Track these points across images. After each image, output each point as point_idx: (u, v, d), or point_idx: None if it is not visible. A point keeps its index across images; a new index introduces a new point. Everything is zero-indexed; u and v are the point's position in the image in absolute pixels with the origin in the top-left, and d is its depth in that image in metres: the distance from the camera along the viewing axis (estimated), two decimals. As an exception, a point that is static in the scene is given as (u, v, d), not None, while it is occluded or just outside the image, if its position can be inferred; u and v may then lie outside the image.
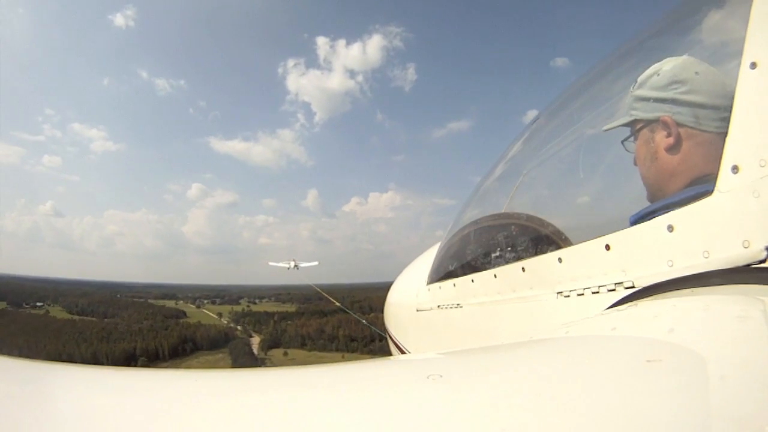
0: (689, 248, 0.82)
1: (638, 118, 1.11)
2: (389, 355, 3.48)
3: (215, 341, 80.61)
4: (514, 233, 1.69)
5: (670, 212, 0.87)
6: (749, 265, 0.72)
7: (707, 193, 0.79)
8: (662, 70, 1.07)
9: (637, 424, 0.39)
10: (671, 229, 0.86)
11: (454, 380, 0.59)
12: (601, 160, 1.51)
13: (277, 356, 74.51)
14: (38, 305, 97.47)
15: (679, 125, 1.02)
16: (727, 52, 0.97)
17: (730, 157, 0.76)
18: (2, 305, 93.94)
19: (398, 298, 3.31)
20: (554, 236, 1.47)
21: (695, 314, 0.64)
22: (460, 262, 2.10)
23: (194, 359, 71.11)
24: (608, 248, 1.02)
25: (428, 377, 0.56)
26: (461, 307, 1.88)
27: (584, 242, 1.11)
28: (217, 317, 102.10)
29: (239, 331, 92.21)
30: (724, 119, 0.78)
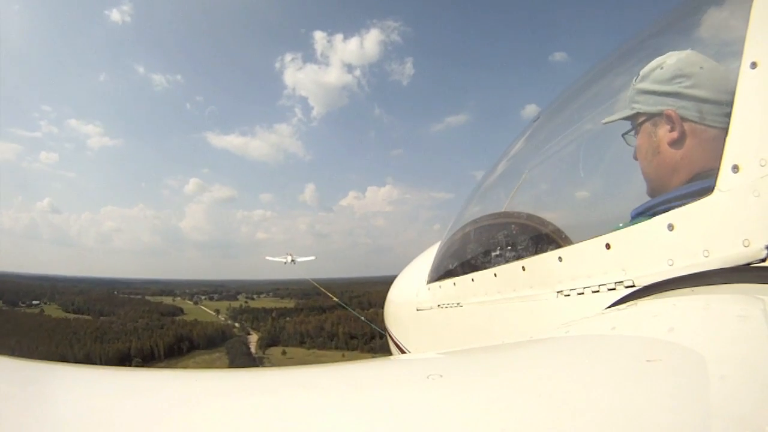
0: (689, 247, 0.82)
1: (640, 111, 1.10)
2: (389, 353, 3.49)
3: (212, 339, 79.48)
4: (514, 232, 1.69)
5: (670, 211, 0.87)
6: (749, 264, 0.73)
7: (709, 188, 0.79)
8: (666, 63, 1.06)
9: (637, 424, 0.39)
10: (671, 228, 0.86)
11: (454, 380, 0.59)
12: (601, 159, 1.51)
13: (275, 355, 73.31)
14: (34, 304, 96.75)
15: (682, 120, 1.01)
16: (727, 51, 0.96)
17: (730, 156, 0.76)
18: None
19: (398, 297, 3.31)
20: (554, 235, 1.47)
21: (695, 313, 0.64)
22: (460, 261, 2.10)
23: (190, 359, 70.04)
24: (608, 247, 1.02)
25: (428, 377, 0.56)
26: (461, 306, 1.88)
27: (584, 241, 1.11)
28: (214, 314, 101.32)
29: (237, 328, 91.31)
30: (728, 115, 0.78)
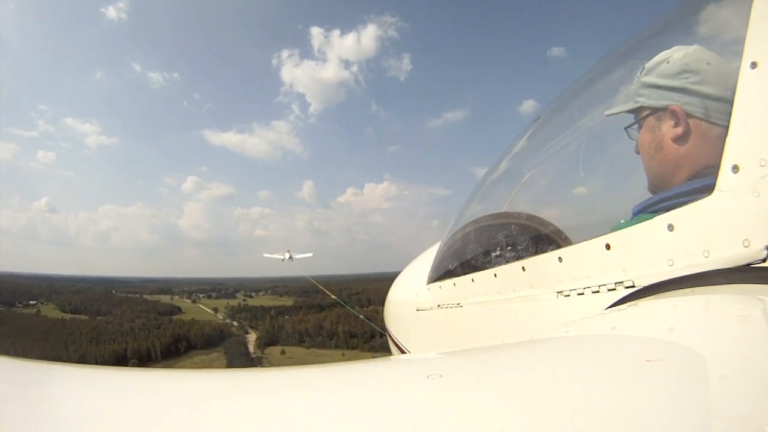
0: (689, 247, 0.82)
1: (644, 104, 1.09)
2: (390, 353, 3.49)
3: (210, 339, 78.27)
4: (514, 232, 1.69)
5: (670, 210, 0.87)
6: (749, 264, 0.73)
7: (710, 186, 0.79)
8: (673, 57, 1.04)
9: (637, 423, 0.39)
10: (671, 228, 0.86)
11: (454, 380, 0.59)
12: (601, 160, 1.51)
13: (274, 355, 72.06)
14: (31, 304, 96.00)
15: (688, 116, 1.00)
16: (727, 51, 0.96)
17: (730, 156, 0.76)
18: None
19: (398, 297, 3.31)
20: (554, 235, 1.47)
21: (695, 314, 0.64)
22: (460, 261, 2.10)
23: (187, 359, 68.91)
24: (608, 247, 1.02)
25: (428, 377, 0.56)
26: (461, 306, 1.88)
27: (584, 241, 1.11)
28: (212, 313, 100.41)
29: (235, 327, 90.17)
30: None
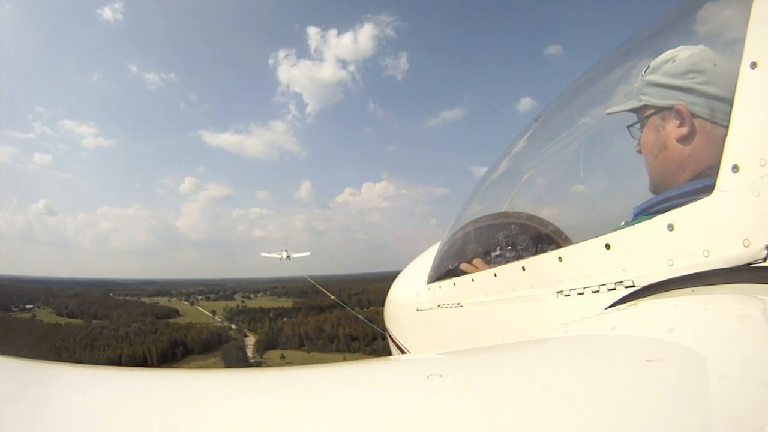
0: (689, 247, 0.82)
1: (649, 104, 1.09)
2: (390, 354, 3.48)
3: (208, 343, 76.40)
4: (514, 232, 1.69)
5: (671, 210, 0.87)
6: (749, 264, 0.73)
7: (712, 186, 0.79)
8: (678, 57, 1.04)
9: (637, 423, 0.39)
10: (671, 228, 0.86)
11: (454, 380, 0.59)
12: (601, 160, 1.51)
13: (273, 359, 70.24)
14: (27, 308, 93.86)
15: (693, 116, 0.99)
16: (728, 51, 0.96)
17: (730, 156, 0.76)
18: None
19: (398, 297, 3.31)
20: (554, 235, 1.47)
21: (695, 314, 0.64)
22: (460, 261, 2.10)
23: (185, 365, 66.22)
24: (608, 247, 1.02)
25: (428, 377, 0.56)
26: (461, 306, 1.88)
27: (584, 241, 1.11)
28: (210, 315, 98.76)
29: (233, 330, 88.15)
30: None
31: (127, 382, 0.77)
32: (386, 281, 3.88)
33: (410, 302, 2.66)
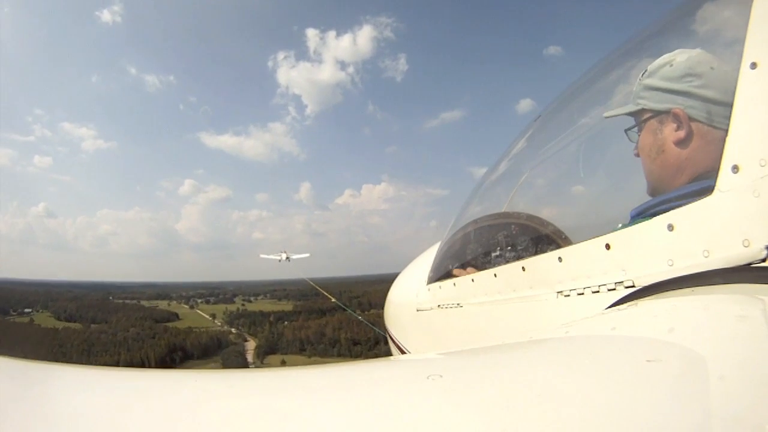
0: (689, 247, 0.82)
1: (646, 107, 1.09)
2: (390, 353, 3.48)
3: (207, 348, 75.08)
4: (514, 232, 1.69)
5: (670, 211, 0.87)
6: (749, 264, 0.72)
7: (711, 189, 0.79)
8: (676, 61, 1.04)
9: (637, 424, 0.39)
10: (671, 228, 0.86)
11: (454, 380, 0.59)
12: (601, 160, 1.51)
13: (274, 365, 67.75)
14: (26, 312, 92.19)
15: (690, 119, 1.00)
16: (727, 52, 0.96)
17: (730, 156, 0.76)
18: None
19: (398, 297, 3.31)
20: (554, 235, 1.47)
21: (695, 314, 0.65)
22: (460, 261, 2.10)
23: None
24: (608, 247, 1.02)
25: (428, 377, 0.56)
26: (461, 306, 1.88)
27: (584, 241, 1.11)
28: (210, 319, 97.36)
29: (233, 334, 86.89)
30: None
31: (127, 382, 0.77)
32: (387, 283, 3.87)
33: (410, 303, 2.66)
